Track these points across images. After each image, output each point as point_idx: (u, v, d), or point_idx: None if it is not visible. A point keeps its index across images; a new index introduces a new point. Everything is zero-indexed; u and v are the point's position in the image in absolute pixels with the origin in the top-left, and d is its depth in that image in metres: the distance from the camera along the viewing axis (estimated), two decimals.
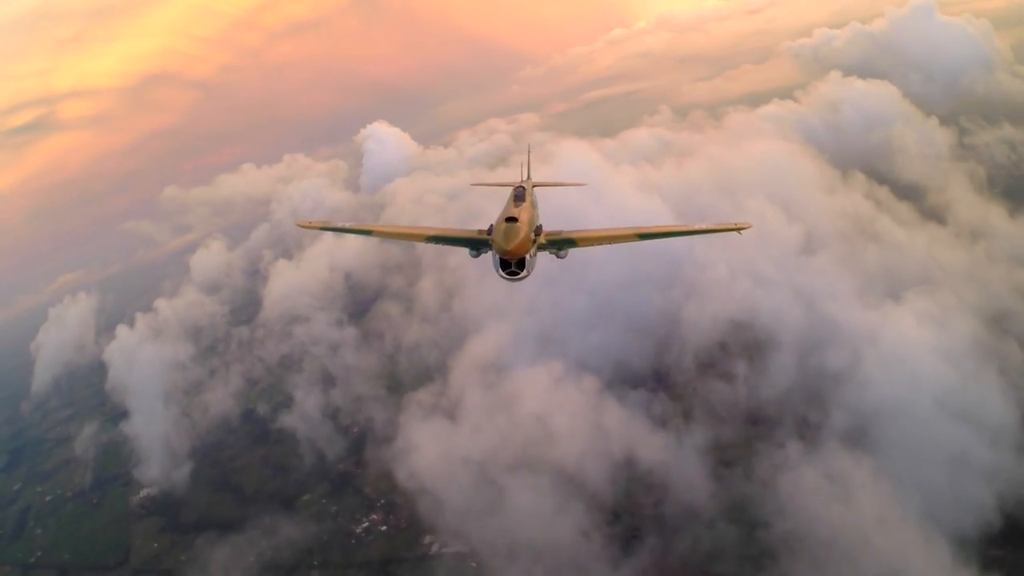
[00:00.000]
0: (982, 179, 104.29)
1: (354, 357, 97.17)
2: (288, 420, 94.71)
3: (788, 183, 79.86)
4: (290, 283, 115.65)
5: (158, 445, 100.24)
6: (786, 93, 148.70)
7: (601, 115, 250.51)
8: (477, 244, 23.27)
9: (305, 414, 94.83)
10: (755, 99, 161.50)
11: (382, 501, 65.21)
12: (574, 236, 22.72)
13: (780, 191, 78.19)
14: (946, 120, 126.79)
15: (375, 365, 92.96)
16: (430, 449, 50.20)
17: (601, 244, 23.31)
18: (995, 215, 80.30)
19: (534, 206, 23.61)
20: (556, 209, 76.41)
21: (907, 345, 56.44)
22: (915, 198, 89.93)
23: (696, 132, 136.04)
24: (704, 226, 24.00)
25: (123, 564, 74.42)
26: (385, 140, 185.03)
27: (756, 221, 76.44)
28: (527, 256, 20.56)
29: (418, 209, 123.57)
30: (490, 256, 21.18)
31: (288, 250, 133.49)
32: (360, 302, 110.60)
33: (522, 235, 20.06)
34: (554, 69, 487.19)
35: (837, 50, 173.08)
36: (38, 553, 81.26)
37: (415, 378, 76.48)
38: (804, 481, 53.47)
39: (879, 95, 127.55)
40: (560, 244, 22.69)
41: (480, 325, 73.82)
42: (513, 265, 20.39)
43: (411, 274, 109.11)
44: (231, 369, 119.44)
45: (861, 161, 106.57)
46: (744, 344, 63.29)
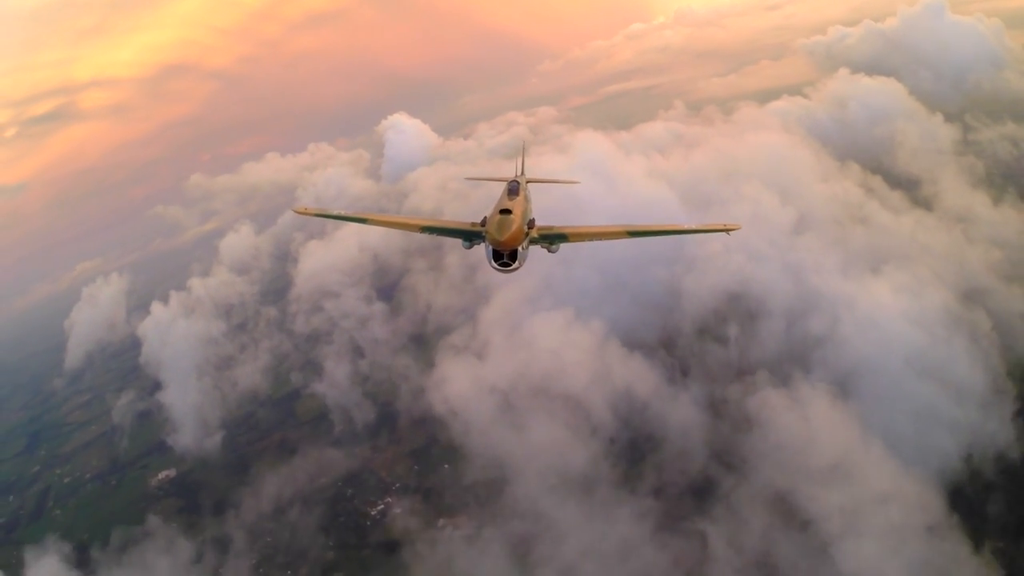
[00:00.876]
0: (980, 173, 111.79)
1: (382, 330, 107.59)
2: (318, 387, 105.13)
3: (785, 171, 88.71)
4: (321, 261, 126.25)
5: (191, 415, 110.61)
6: (799, 89, 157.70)
7: (619, 109, 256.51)
8: (470, 235, 24.27)
9: (335, 382, 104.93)
10: (769, 95, 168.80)
11: (397, 485, 70.38)
12: (566, 232, 23.82)
13: (778, 178, 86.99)
14: (951, 117, 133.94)
15: (401, 337, 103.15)
16: (461, 385, 60.12)
17: (592, 240, 24.33)
18: (979, 203, 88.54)
19: (527, 201, 24.61)
20: (569, 197, 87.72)
21: (881, 311, 65.08)
22: (908, 188, 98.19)
23: (708, 126, 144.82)
24: (693, 226, 25.19)
25: (141, 545, 74.52)
26: (406, 131, 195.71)
27: (753, 205, 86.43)
28: (519, 248, 21.61)
29: (442, 196, 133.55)
30: (483, 247, 22.28)
31: (316, 233, 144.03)
32: (388, 279, 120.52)
33: (515, 227, 21.09)
34: (572, 63, 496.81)
35: (850, 47, 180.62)
36: (57, 534, 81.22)
37: (439, 344, 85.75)
38: (787, 427, 62.36)
39: (885, 92, 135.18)
40: (552, 239, 23.75)
41: (500, 298, 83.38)
42: (506, 256, 21.42)
43: (435, 256, 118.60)
44: (260, 346, 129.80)
45: (863, 154, 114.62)
46: (737, 312, 72.27)
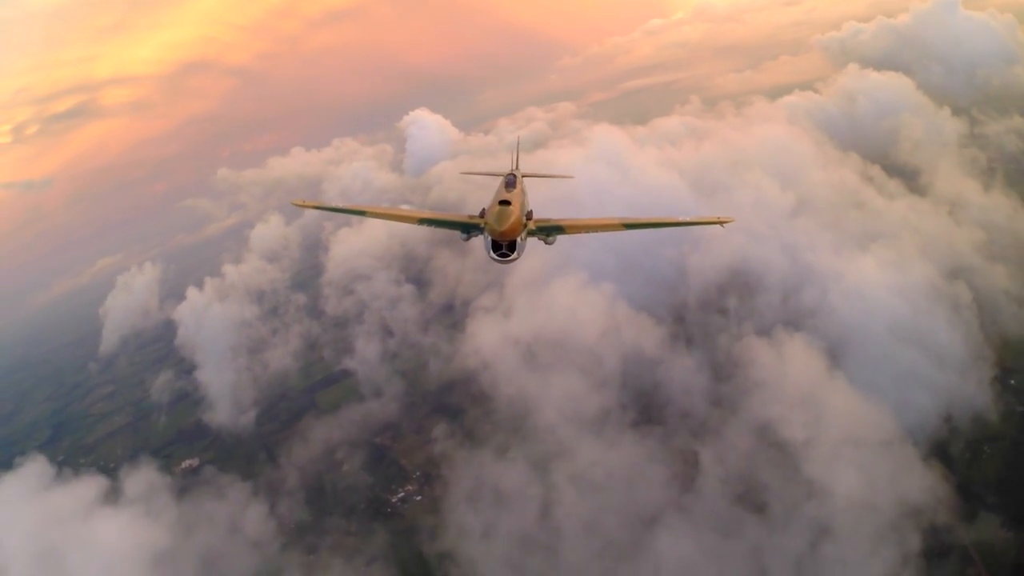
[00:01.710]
0: (982, 164, 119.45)
1: (411, 309, 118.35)
2: (350, 364, 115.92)
3: (787, 161, 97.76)
4: (352, 248, 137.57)
5: (225, 394, 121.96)
6: (811, 85, 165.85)
7: (638, 105, 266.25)
8: (468, 227, 25.01)
9: (365, 359, 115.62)
10: (785, 91, 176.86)
11: (417, 473, 74.68)
12: (563, 224, 24.64)
13: (780, 167, 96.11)
14: (959, 111, 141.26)
15: (429, 315, 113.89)
16: (490, 338, 70.86)
17: (588, 232, 25.13)
18: (971, 190, 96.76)
19: (524, 193, 25.45)
20: (584, 185, 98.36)
21: (866, 284, 74.03)
22: (906, 176, 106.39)
23: (720, 120, 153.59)
24: (688, 219, 26.16)
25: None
26: (428, 126, 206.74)
27: (755, 191, 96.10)
28: (518, 239, 22.40)
29: (465, 187, 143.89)
30: (481, 239, 23.12)
31: (345, 222, 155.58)
32: (416, 262, 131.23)
33: (514, 218, 21.82)
34: (592, 59, 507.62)
35: (864, 43, 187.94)
36: None
37: (468, 310, 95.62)
38: (780, 387, 71.33)
39: (893, 86, 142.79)
40: (549, 231, 24.52)
41: (521, 278, 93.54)
42: (504, 247, 22.24)
43: (461, 247, 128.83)
44: (291, 330, 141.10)
45: (867, 146, 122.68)
46: (737, 286, 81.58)
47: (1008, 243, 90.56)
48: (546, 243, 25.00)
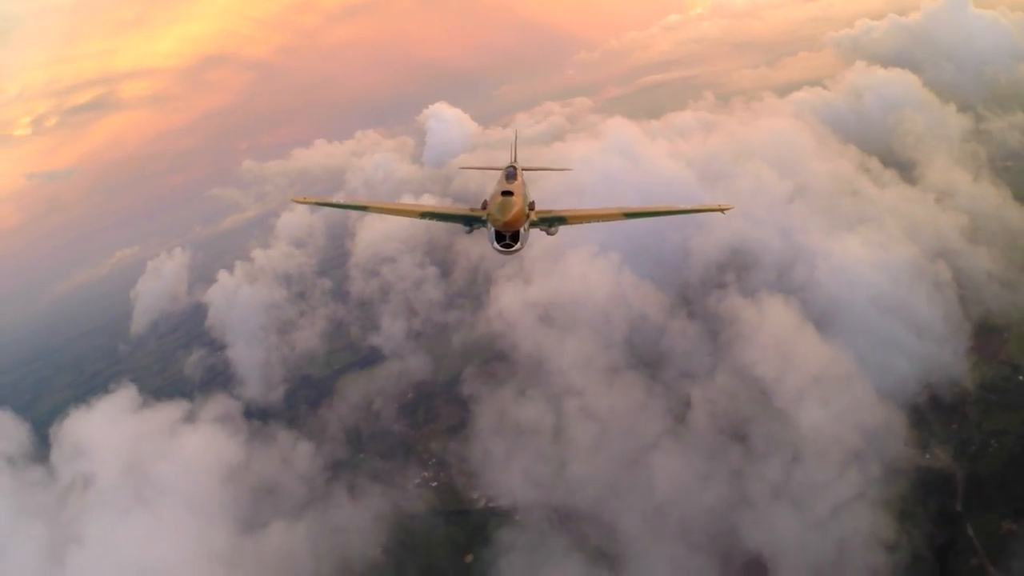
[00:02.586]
0: (982, 158, 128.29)
1: (435, 290, 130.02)
2: (376, 340, 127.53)
3: (787, 152, 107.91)
4: (378, 232, 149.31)
5: (255, 372, 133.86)
6: (823, 82, 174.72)
7: (654, 100, 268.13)
8: (470, 220, 25.65)
9: (391, 336, 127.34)
10: (798, 87, 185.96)
11: (433, 460, 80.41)
12: (565, 214, 25.24)
13: (780, 157, 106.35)
14: (964, 107, 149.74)
15: (452, 292, 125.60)
16: (510, 304, 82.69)
17: (590, 222, 26.00)
18: (960, 180, 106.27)
19: (525, 185, 26.12)
20: (599, 174, 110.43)
21: (851, 261, 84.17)
22: (902, 168, 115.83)
23: (731, 115, 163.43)
24: (688, 207, 26.96)
25: None
26: (447, 120, 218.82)
27: (754, 180, 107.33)
28: (521, 230, 22.82)
29: (484, 178, 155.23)
30: (484, 232, 23.87)
31: None
32: (440, 245, 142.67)
33: (517, 208, 22.30)
34: (609, 54, 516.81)
35: (875, 40, 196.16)
36: None
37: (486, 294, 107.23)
38: (772, 350, 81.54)
39: (899, 83, 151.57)
40: (551, 221, 25.14)
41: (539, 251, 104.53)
42: (508, 238, 22.72)
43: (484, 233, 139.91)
44: (317, 312, 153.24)
45: (869, 140, 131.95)
46: (736, 264, 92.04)
47: (996, 229, 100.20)
48: (548, 233, 25.86)
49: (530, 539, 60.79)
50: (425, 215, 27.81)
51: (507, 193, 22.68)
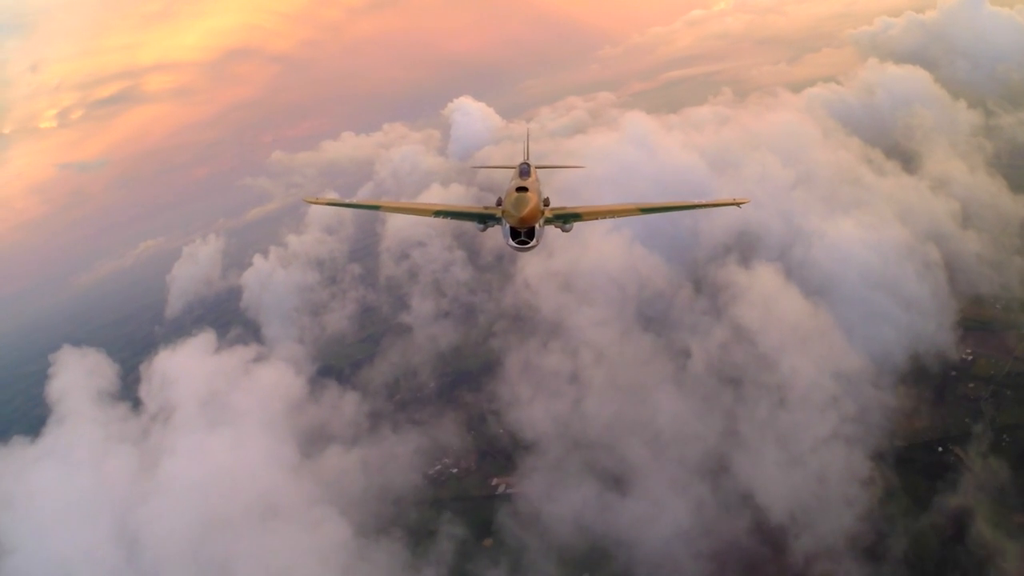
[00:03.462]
0: (988, 152, 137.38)
1: (462, 272, 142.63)
2: (406, 318, 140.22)
3: (792, 143, 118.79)
4: (408, 218, 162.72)
5: (289, 349, 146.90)
6: (837, 78, 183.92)
7: (677, 96, 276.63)
8: (484, 218, 26.54)
9: (421, 313, 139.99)
10: (817, 82, 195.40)
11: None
12: (579, 211, 25.97)
13: (786, 148, 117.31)
14: (975, 103, 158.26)
15: (480, 275, 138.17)
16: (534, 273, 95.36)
17: (605, 218, 26.80)
18: (957, 170, 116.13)
19: (538, 181, 26.71)
20: (616, 164, 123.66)
21: (843, 240, 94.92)
22: (904, 159, 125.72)
23: (747, 109, 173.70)
24: (703, 201, 28.11)
25: None
26: (471, 113, 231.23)
27: (760, 168, 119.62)
28: (536, 226, 23.47)
29: (508, 172, 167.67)
30: (499, 229, 24.88)
31: (403, 196, 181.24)
32: (467, 230, 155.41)
33: (532, 204, 22.86)
34: (633, 49, 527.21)
35: (894, 38, 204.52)
36: None
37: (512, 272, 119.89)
38: (760, 307, 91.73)
39: (910, 79, 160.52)
40: (566, 218, 25.88)
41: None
42: (523, 235, 23.49)
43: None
44: (348, 295, 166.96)
45: (879, 134, 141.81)
46: (741, 245, 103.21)
47: (988, 216, 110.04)
48: (563, 230, 26.36)
49: (550, 464, 73.82)
50: (438, 214, 28.51)
51: (522, 189, 23.27)
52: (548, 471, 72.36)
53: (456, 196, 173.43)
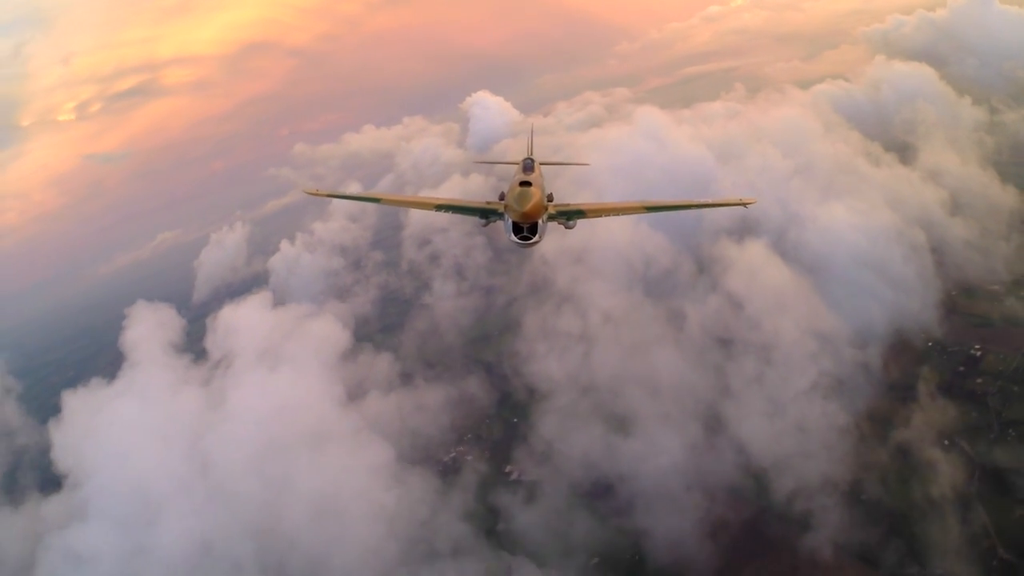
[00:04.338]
0: (988, 147, 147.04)
1: (482, 256, 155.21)
2: (428, 299, 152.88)
3: (792, 136, 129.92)
4: None
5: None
6: (849, 75, 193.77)
7: (692, 92, 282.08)
8: (487, 213, 27.76)
9: (443, 295, 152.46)
10: (828, 79, 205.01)
11: (468, 435, 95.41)
12: (583, 208, 27.13)
13: (786, 141, 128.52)
14: (979, 100, 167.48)
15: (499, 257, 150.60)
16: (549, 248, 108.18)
17: (609, 216, 28.15)
18: (950, 161, 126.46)
19: (542, 177, 27.76)
20: (625, 157, 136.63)
21: (833, 223, 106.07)
22: (903, 152, 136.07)
23: (756, 104, 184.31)
24: (709, 200, 29.45)
25: None
26: (490, 107, 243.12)
27: (761, 159, 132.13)
28: (539, 222, 24.31)
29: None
30: (501, 225, 25.91)
31: (425, 186, 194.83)
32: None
33: (536, 199, 23.52)
34: (650, 44, 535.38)
35: (905, 36, 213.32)
36: None
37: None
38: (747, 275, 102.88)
39: (916, 76, 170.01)
40: (569, 215, 27.06)
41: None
42: (526, 230, 24.18)
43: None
44: (371, 281, 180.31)
45: (881, 129, 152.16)
46: (739, 229, 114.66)
47: (978, 205, 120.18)
48: (566, 227, 27.16)
49: (562, 407, 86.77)
50: (440, 208, 29.24)
51: (525, 184, 24.03)
52: (560, 415, 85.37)
53: (476, 186, 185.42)
